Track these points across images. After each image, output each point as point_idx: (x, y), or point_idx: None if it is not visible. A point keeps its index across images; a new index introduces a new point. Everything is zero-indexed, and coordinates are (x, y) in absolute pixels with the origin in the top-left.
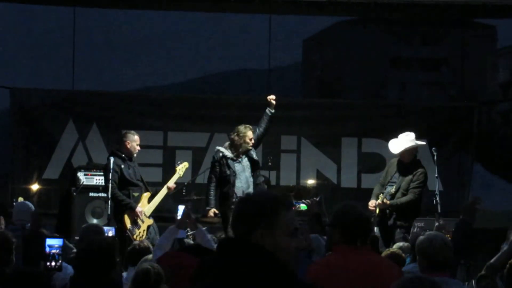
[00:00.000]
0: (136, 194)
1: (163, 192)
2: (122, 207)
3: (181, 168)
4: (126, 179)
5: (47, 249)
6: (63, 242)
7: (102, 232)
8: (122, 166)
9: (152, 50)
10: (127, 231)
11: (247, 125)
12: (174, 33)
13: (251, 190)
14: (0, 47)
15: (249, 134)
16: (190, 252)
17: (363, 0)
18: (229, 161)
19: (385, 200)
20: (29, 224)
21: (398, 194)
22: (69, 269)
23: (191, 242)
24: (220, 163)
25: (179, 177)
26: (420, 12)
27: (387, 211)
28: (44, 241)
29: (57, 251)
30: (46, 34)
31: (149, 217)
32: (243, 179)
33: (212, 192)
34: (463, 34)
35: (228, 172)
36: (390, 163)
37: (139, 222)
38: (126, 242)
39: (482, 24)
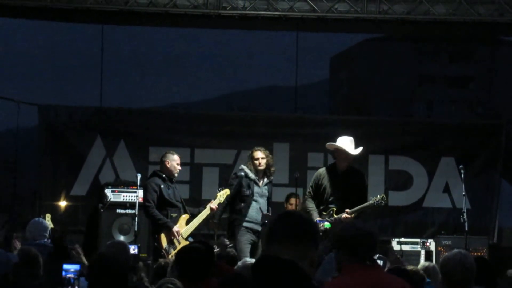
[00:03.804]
0: (174, 215)
1: (205, 212)
2: (159, 227)
3: (222, 194)
4: (165, 199)
5: (63, 273)
6: (80, 267)
7: (126, 249)
8: (162, 186)
9: (180, 67)
10: (163, 250)
11: (258, 147)
12: (202, 50)
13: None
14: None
15: (255, 154)
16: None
17: (391, 17)
18: (250, 182)
19: (352, 215)
20: (45, 240)
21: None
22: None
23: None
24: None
25: (219, 203)
26: (448, 29)
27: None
28: (61, 266)
29: (73, 275)
30: (74, 51)
31: (186, 238)
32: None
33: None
34: (491, 52)
35: (247, 192)
36: (320, 174)
37: (176, 242)
38: None
39: (510, 42)
